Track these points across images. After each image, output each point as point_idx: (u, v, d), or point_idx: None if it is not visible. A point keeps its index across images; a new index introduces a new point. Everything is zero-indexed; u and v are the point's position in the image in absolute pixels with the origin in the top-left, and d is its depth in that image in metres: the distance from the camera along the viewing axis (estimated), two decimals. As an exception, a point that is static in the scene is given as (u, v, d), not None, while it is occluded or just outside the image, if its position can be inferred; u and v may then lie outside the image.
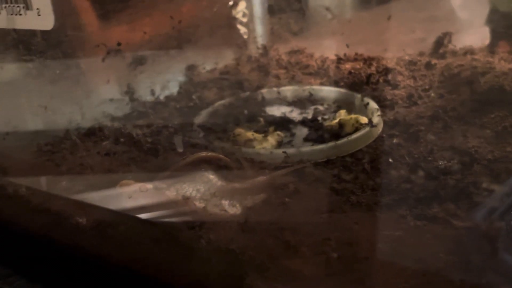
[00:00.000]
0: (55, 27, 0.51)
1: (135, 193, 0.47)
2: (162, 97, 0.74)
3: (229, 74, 0.78)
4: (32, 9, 0.50)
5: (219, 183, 0.48)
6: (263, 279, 0.38)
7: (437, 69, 0.67)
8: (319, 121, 0.64)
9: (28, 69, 0.62)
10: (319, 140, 0.59)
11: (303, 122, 0.65)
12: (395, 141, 0.54)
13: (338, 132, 0.58)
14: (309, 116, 0.66)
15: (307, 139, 0.60)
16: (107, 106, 0.69)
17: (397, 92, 0.65)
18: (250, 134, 0.60)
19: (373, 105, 0.62)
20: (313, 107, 0.69)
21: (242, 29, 0.84)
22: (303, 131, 0.63)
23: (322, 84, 0.73)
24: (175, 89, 0.76)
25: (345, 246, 0.39)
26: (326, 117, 0.65)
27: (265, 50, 0.84)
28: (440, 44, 0.72)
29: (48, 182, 0.55)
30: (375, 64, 0.72)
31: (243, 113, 0.68)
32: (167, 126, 0.63)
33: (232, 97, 0.71)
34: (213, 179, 0.48)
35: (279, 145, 0.59)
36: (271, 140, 0.59)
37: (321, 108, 0.69)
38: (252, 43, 0.86)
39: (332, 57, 0.78)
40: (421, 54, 0.73)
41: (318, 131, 0.61)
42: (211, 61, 0.81)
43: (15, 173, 0.58)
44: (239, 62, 0.81)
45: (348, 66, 0.74)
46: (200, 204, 0.45)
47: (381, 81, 0.68)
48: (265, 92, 0.72)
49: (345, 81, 0.71)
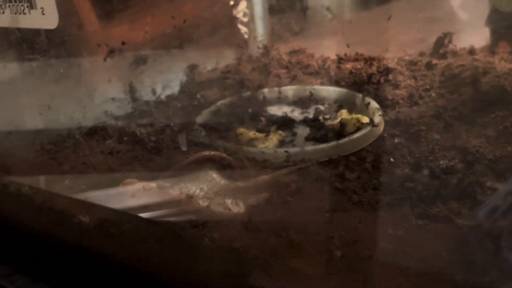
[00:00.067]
0: (58, 26, 0.51)
1: (138, 192, 0.47)
2: (163, 97, 0.74)
3: (230, 73, 0.78)
4: (36, 8, 0.50)
5: (223, 182, 0.48)
6: (267, 277, 0.38)
7: (437, 69, 0.67)
8: (320, 120, 0.64)
9: (31, 68, 0.62)
10: (321, 139, 0.59)
11: (305, 121, 0.65)
12: (396, 140, 0.54)
13: (339, 131, 0.59)
14: (311, 115, 0.66)
15: (308, 139, 0.60)
16: (109, 105, 0.69)
17: (398, 92, 0.65)
18: (252, 133, 0.60)
19: (374, 105, 0.62)
20: (314, 107, 0.69)
21: (243, 29, 0.85)
22: (305, 130, 0.63)
23: (323, 84, 0.73)
24: (176, 89, 0.76)
25: (349, 244, 0.39)
26: (327, 116, 0.65)
27: (266, 49, 0.84)
28: (440, 44, 0.72)
29: (51, 181, 0.55)
30: (376, 64, 0.72)
31: (245, 112, 0.68)
32: (170, 125, 0.63)
33: (233, 96, 0.72)
34: (216, 178, 0.48)
35: (281, 144, 0.59)
36: (273, 139, 0.59)
37: (322, 107, 0.69)
38: (253, 43, 0.86)
39: (332, 57, 0.78)
40: (421, 54, 0.73)
41: (319, 130, 0.61)
42: (212, 61, 0.81)
43: (18, 172, 0.58)
44: (240, 61, 0.81)
45: (349, 66, 0.74)
46: (203, 202, 0.45)
47: (382, 81, 0.68)
48: (266, 91, 0.73)
49: (346, 81, 0.71)
